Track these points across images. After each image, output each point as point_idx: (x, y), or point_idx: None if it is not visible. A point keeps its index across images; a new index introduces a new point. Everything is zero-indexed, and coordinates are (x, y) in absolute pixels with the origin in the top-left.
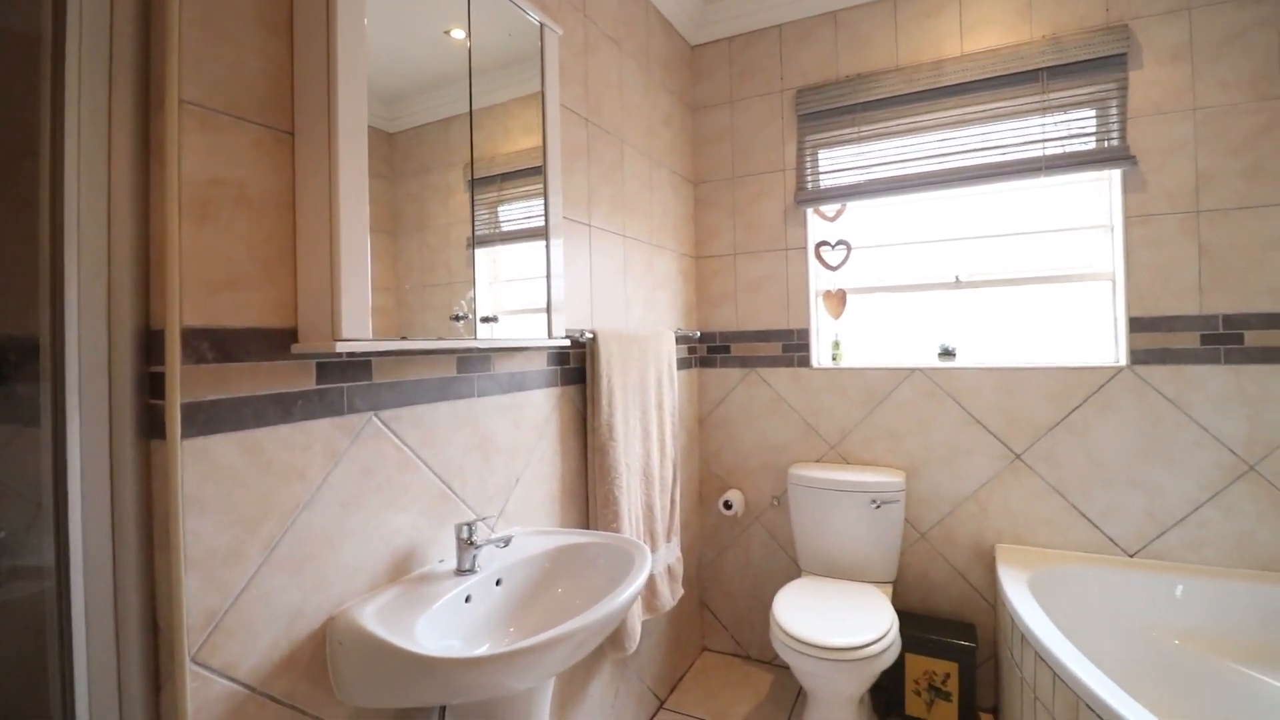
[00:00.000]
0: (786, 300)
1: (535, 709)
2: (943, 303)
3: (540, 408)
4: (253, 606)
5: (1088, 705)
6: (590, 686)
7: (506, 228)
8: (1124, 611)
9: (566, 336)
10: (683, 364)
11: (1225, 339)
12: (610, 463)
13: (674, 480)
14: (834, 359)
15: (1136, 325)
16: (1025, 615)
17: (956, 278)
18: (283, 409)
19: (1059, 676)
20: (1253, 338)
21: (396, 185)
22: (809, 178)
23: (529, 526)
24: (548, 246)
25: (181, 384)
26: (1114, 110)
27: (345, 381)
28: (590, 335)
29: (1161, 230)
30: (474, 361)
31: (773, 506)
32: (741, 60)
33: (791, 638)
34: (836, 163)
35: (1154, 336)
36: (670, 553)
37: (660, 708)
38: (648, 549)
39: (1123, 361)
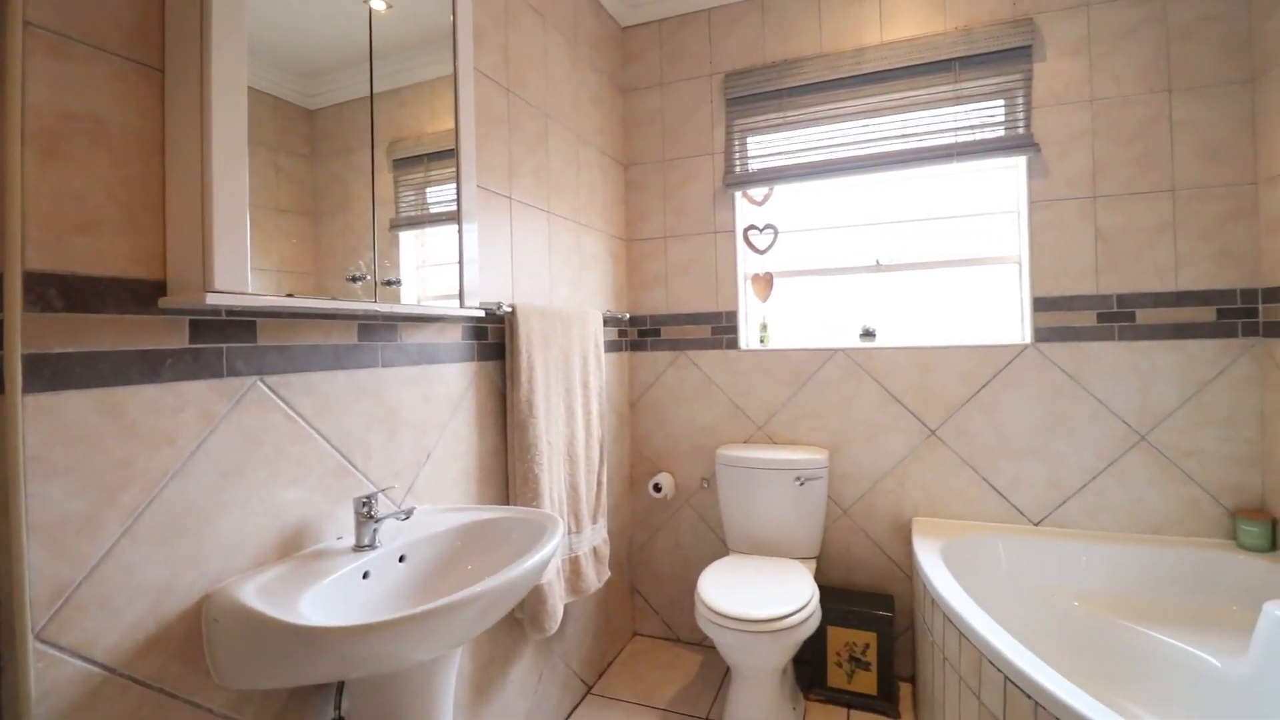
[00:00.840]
0: (716, 283)
1: (439, 686)
2: (864, 286)
3: (454, 382)
4: (112, 580)
5: (989, 661)
6: (511, 670)
7: (436, 209)
8: (1029, 577)
9: (482, 308)
10: (613, 347)
11: (1119, 317)
12: (530, 440)
13: (601, 461)
14: (762, 341)
15: (1040, 305)
16: (936, 581)
17: (877, 261)
18: (149, 367)
19: (964, 636)
20: (1143, 315)
21: (317, 165)
22: (737, 161)
23: (441, 505)
24: (459, 199)
25: (25, 334)
26: (1020, 100)
27: (225, 342)
28: (509, 309)
29: (1063, 215)
30: (378, 330)
31: (702, 488)
32: (672, 43)
33: (714, 612)
34: (764, 147)
35: (1056, 315)
36: (597, 534)
37: (588, 692)
38: (560, 520)
39: (1028, 340)
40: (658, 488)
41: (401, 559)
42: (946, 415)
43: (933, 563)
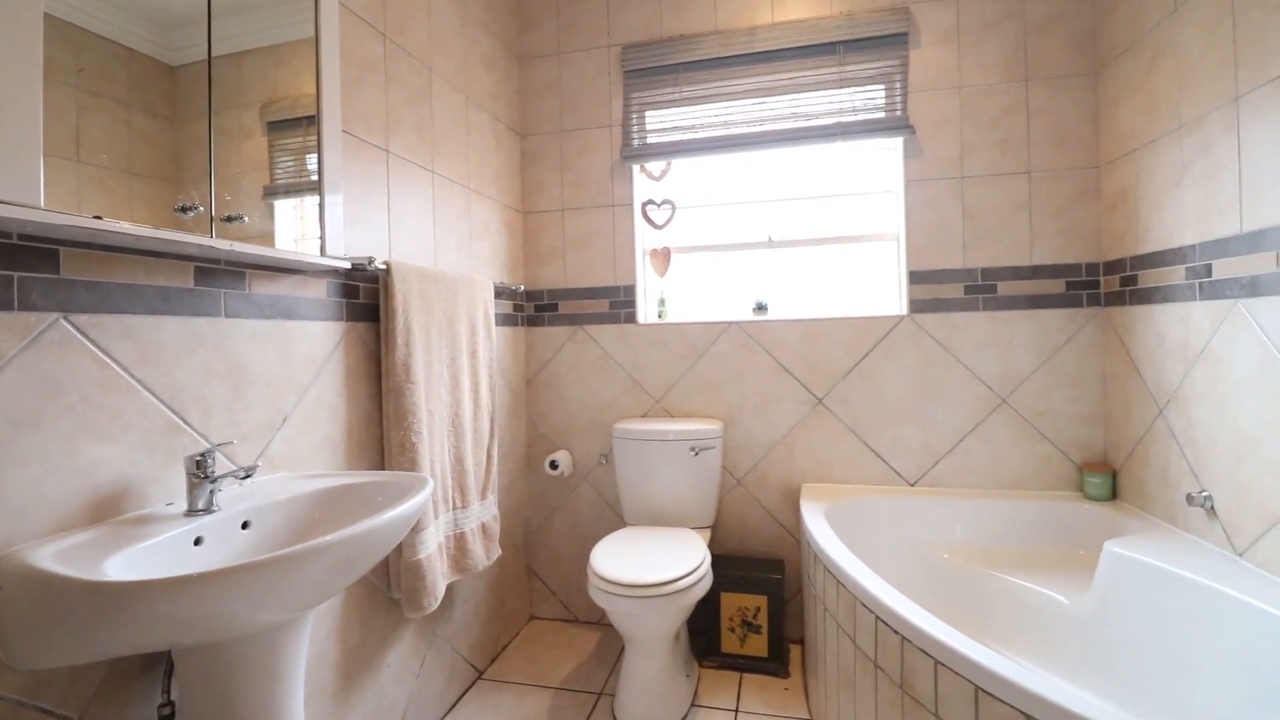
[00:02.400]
0: (614, 257)
1: (285, 664)
2: (757, 261)
3: (318, 342)
4: None
5: (863, 604)
6: (387, 654)
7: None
8: (905, 534)
9: (349, 261)
10: (509, 322)
11: (983, 289)
12: (407, 407)
13: (490, 435)
14: (660, 316)
15: (915, 278)
16: (818, 536)
17: (769, 238)
18: None
19: (841, 584)
20: (1003, 287)
21: (180, 127)
22: (635, 134)
23: (302, 472)
24: (320, 129)
25: None
26: (898, 85)
27: (16, 270)
28: (383, 266)
29: (935, 193)
30: (221, 275)
31: (600, 465)
32: (570, 12)
33: (605, 580)
34: (661, 121)
35: (928, 288)
36: (486, 510)
37: (478, 678)
38: (430, 480)
39: (904, 311)
40: (554, 465)
41: (245, 525)
42: (832, 384)
43: (817, 522)
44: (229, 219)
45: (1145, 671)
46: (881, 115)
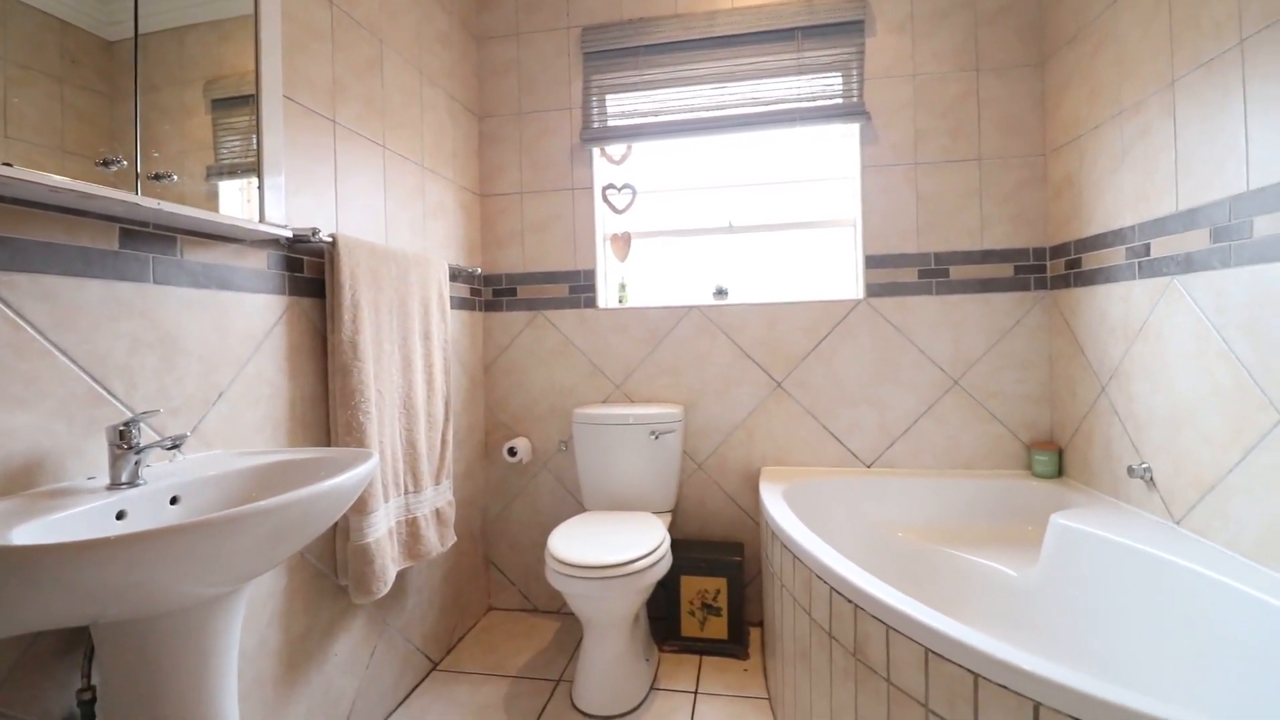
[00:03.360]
0: (574, 241)
1: (216, 645)
2: (718, 247)
3: (258, 315)
4: None
5: (818, 576)
6: (334, 644)
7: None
8: (861, 513)
9: (290, 230)
10: (466, 306)
11: (936, 273)
12: (355, 385)
13: (445, 419)
14: (621, 301)
15: (871, 262)
16: (775, 514)
17: (729, 223)
18: None
19: (798, 559)
20: (955, 272)
21: (118, 104)
22: (595, 117)
23: (241, 450)
24: (259, 82)
25: None
26: (855, 71)
27: None
28: (329, 239)
29: (890, 179)
30: (149, 239)
31: (560, 452)
32: None
33: (562, 563)
34: (622, 105)
35: (884, 272)
36: (440, 496)
37: (433, 669)
38: (375, 454)
39: (861, 295)
40: (513, 452)
41: (175, 501)
42: (791, 368)
43: (775, 502)
44: (157, 177)
45: (1089, 636)
46: (839, 102)
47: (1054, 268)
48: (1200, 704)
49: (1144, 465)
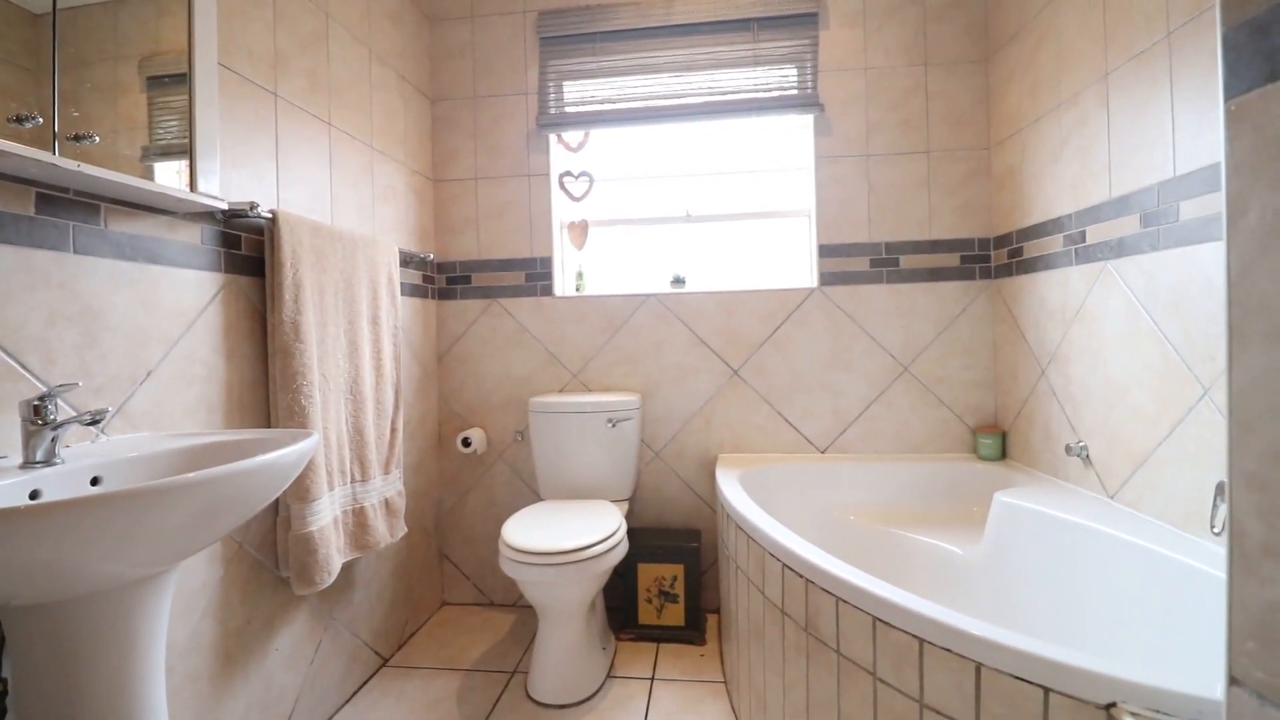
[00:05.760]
0: (530, 228)
1: (139, 634)
2: (675, 236)
3: (190, 292)
4: None
5: (771, 554)
6: (276, 638)
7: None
8: (815, 497)
9: (225, 203)
10: (418, 293)
11: (886, 263)
12: (297, 368)
13: (395, 407)
14: (578, 289)
15: (824, 252)
16: (730, 497)
17: (687, 213)
18: None
19: (751, 538)
20: (905, 261)
21: (42, 81)
22: (552, 103)
23: (171, 432)
24: (191, 40)
25: None
26: (809, 63)
27: None
28: (269, 215)
29: (843, 170)
30: (69, 206)
31: (516, 442)
32: None
33: (517, 550)
34: (579, 92)
35: (837, 261)
36: (390, 485)
37: (383, 665)
38: (316, 433)
39: (815, 284)
40: (467, 442)
41: (96, 482)
42: (748, 355)
43: (731, 487)
44: (77, 138)
45: (1032, 606)
46: (794, 93)
47: (998, 257)
48: (1132, 658)
49: (1081, 444)
